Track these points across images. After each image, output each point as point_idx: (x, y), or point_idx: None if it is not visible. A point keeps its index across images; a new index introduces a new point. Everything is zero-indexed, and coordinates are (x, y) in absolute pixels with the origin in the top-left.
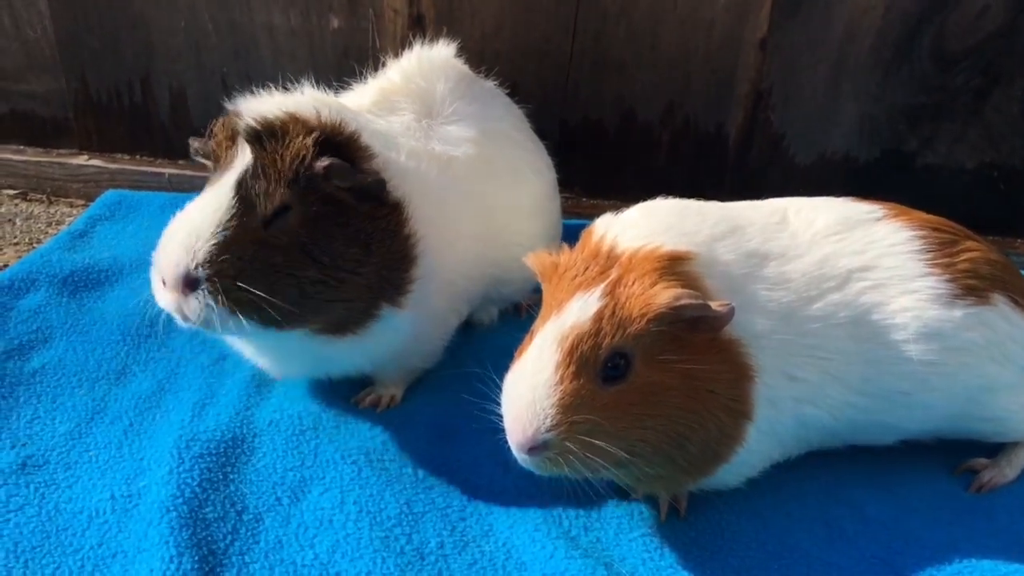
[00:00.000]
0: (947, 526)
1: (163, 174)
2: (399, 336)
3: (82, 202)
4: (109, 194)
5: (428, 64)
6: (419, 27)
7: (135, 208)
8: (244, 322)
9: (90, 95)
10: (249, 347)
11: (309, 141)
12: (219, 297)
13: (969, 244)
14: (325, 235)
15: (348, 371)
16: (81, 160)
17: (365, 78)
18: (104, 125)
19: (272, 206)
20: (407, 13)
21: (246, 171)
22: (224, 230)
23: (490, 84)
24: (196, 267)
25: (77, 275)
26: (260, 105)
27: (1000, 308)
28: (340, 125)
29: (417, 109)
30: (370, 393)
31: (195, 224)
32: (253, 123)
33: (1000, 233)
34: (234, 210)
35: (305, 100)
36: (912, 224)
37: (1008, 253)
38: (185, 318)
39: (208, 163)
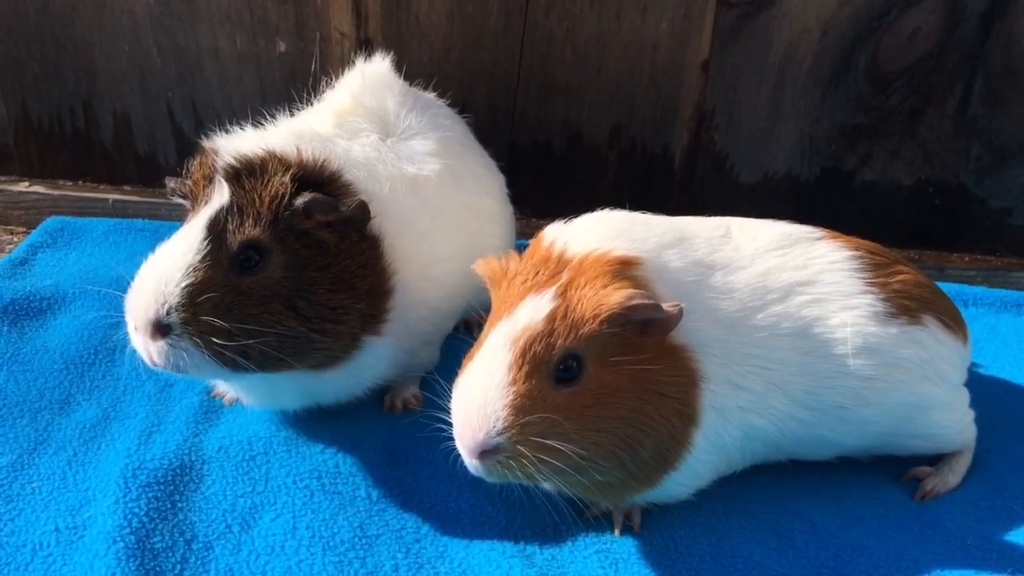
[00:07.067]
0: (894, 534)
1: (107, 200)
2: (382, 363)
3: (23, 229)
4: (51, 221)
5: (373, 80)
6: (367, 50)
7: (78, 235)
8: (218, 368)
9: (31, 121)
10: (233, 383)
11: (287, 178)
12: (190, 345)
13: (900, 268)
14: (308, 283)
15: (340, 399)
16: (22, 187)
17: (311, 102)
18: (46, 151)
19: (245, 244)
20: (354, 36)
21: (220, 210)
22: (195, 272)
23: (429, 95)
24: (168, 313)
25: (18, 303)
26: (238, 142)
27: (930, 329)
28: (322, 163)
29: (376, 128)
30: (393, 398)
31: (165, 267)
32: (232, 161)
33: (937, 247)
34: (206, 252)
35: (284, 136)
36: (849, 245)
37: (945, 267)
38: (155, 363)
39: (185, 202)
